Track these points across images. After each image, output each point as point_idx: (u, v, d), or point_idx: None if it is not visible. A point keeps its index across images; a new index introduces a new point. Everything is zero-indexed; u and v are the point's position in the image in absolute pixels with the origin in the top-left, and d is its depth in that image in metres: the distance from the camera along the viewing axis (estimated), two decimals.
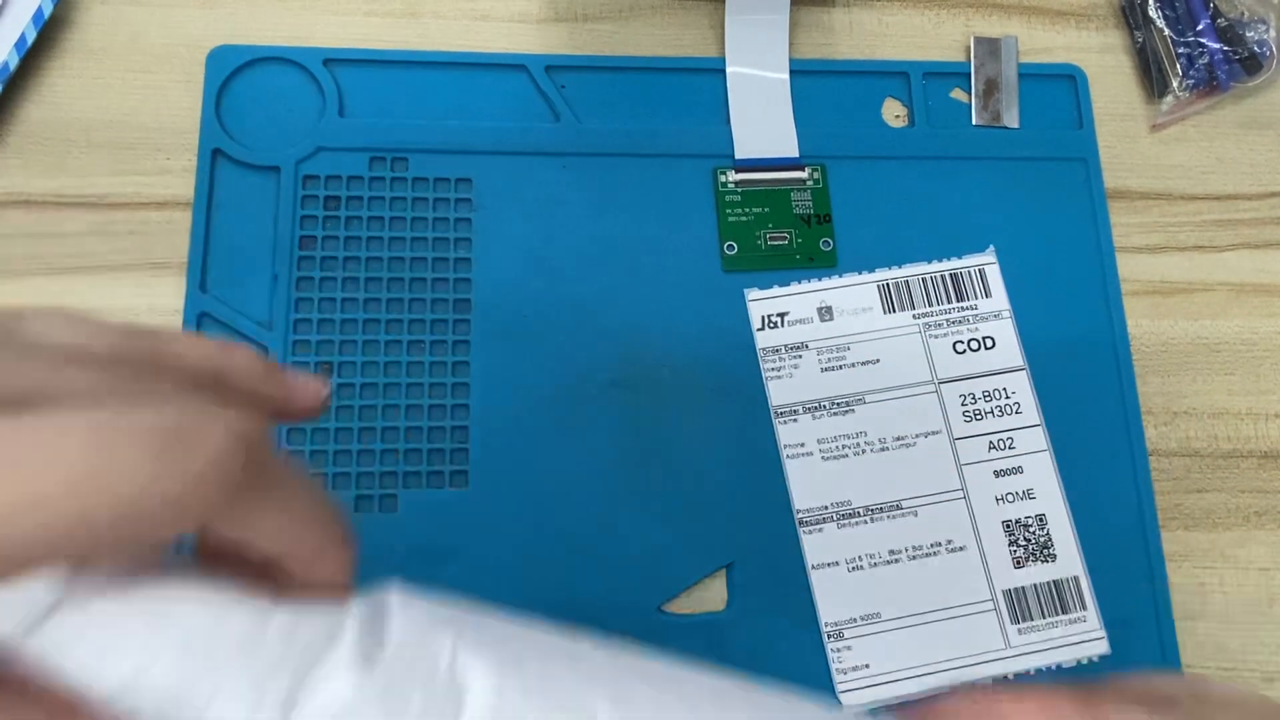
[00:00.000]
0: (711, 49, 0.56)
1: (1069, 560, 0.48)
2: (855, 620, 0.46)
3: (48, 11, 0.51)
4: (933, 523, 0.48)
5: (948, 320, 0.51)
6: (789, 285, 0.51)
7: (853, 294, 0.51)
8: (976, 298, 0.51)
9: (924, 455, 0.49)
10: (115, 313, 0.48)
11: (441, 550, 0.46)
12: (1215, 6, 0.57)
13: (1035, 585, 0.48)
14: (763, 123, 0.53)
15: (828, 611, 0.46)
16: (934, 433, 0.49)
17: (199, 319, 0.48)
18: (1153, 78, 0.57)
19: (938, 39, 0.57)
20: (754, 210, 0.52)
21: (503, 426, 0.48)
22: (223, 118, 0.51)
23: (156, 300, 0.49)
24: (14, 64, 0.50)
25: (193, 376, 0.21)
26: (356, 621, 0.23)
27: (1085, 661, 0.47)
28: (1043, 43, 0.58)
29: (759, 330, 0.50)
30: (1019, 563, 0.48)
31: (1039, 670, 0.47)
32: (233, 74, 0.52)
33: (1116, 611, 0.48)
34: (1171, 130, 0.57)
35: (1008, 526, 0.48)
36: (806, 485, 0.48)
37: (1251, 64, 0.57)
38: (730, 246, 0.51)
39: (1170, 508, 0.50)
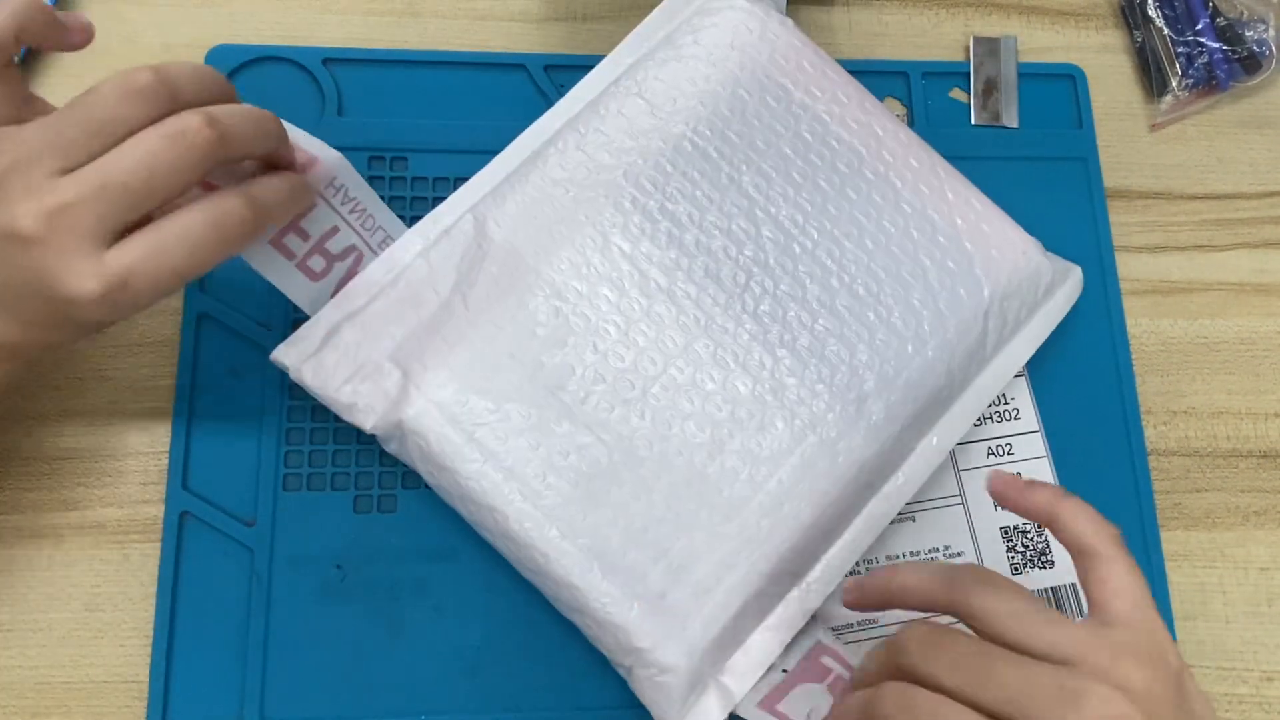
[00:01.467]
0: None
1: (1066, 567, 0.48)
2: (853, 625, 0.46)
3: None
4: (931, 528, 0.48)
5: None
6: None
7: None
8: None
9: None
10: None
11: (441, 550, 0.46)
12: (1214, 6, 0.57)
13: (1032, 592, 0.48)
14: None
15: (827, 615, 0.46)
16: None
17: (199, 319, 0.48)
18: (1152, 77, 0.57)
19: (937, 39, 0.57)
20: None
21: None
22: None
23: None
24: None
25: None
26: None
27: None
28: (1042, 42, 0.58)
29: None
30: (1016, 569, 0.48)
31: None
32: (232, 73, 0.52)
33: None
34: (1171, 130, 0.57)
35: (1005, 533, 0.48)
36: None
37: (1251, 63, 0.57)
38: None
39: (1170, 508, 0.50)
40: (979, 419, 0.49)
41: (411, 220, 0.50)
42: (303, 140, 0.42)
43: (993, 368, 0.47)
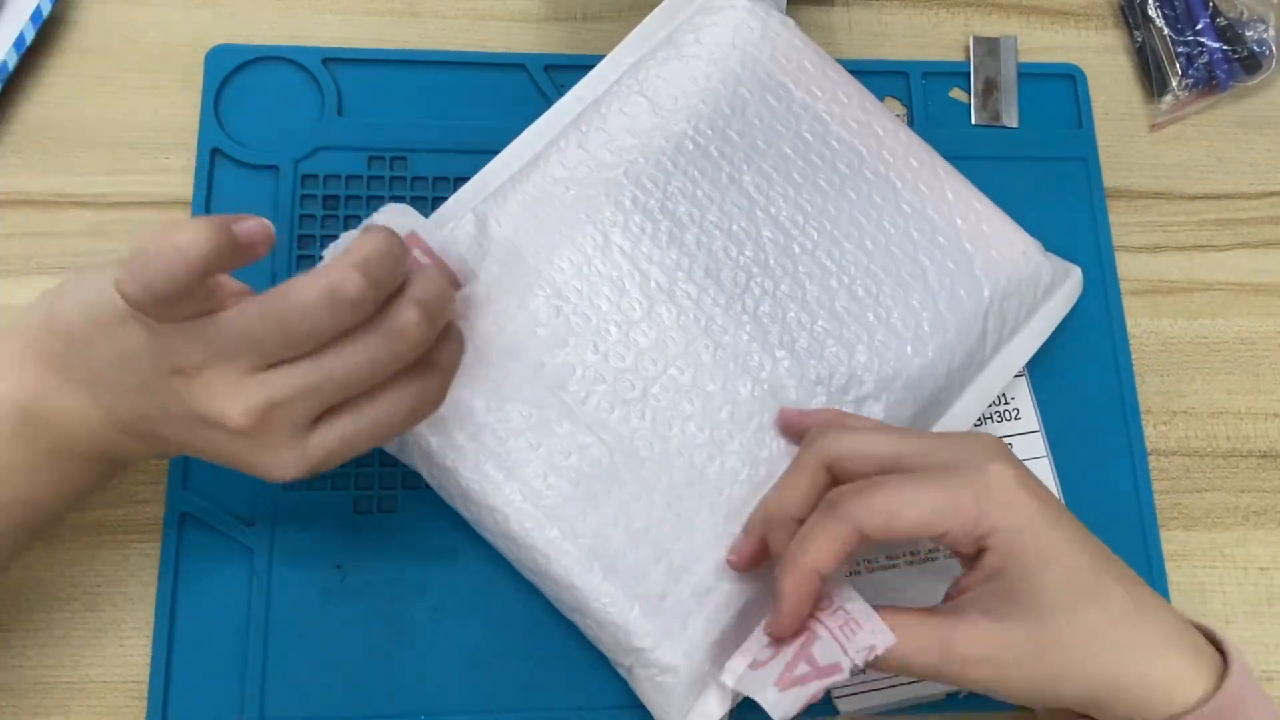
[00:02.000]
0: None
1: None
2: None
3: (46, 11, 0.51)
4: None
5: None
6: None
7: None
8: None
9: None
10: None
11: (441, 550, 0.46)
12: (1215, 6, 0.57)
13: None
14: None
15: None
16: None
17: None
18: (1152, 77, 0.57)
19: (937, 38, 0.57)
20: None
21: None
22: (222, 117, 0.51)
23: None
24: (13, 63, 0.50)
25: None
26: None
27: None
28: (1042, 42, 0.58)
29: None
30: None
31: None
32: (232, 73, 0.52)
33: None
34: (1171, 130, 0.57)
35: None
36: None
37: (1251, 63, 0.57)
38: None
39: (1170, 507, 0.50)
40: (979, 419, 0.49)
41: None
42: (453, 260, 0.39)
43: (992, 368, 0.47)
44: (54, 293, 0.36)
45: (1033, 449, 0.49)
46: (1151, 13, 0.57)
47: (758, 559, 0.41)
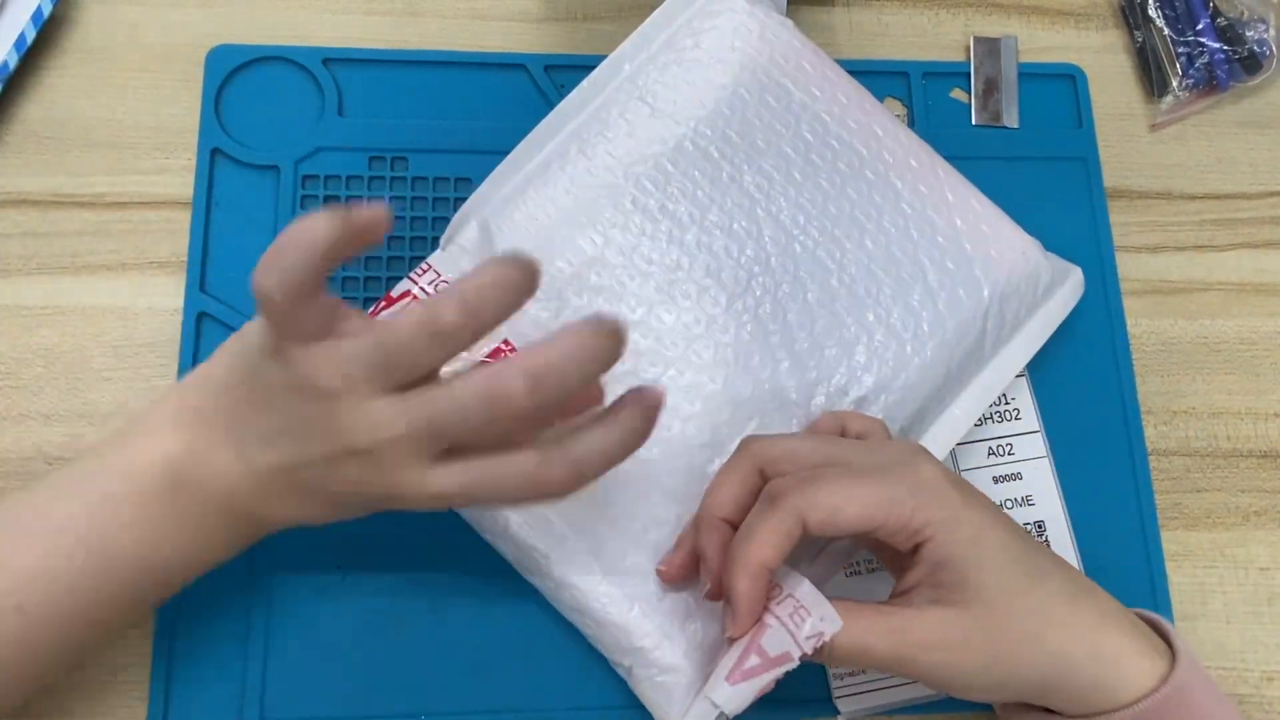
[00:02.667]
0: None
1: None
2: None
3: (47, 11, 0.51)
4: None
5: None
6: None
7: None
8: None
9: None
10: (114, 312, 0.48)
11: (441, 550, 0.46)
12: (1215, 6, 0.57)
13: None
14: None
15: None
16: None
17: (198, 319, 0.48)
18: (1152, 77, 0.57)
19: (937, 39, 0.57)
20: None
21: None
22: (222, 117, 0.51)
23: (156, 300, 0.49)
24: (13, 63, 0.50)
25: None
26: None
27: None
28: (1042, 42, 0.58)
29: None
30: None
31: None
32: (232, 73, 0.52)
33: None
34: (1171, 130, 0.57)
35: None
36: None
37: (1251, 63, 0.57)
38: None
39: (1170, 507, 0.50)
40: (979, 419, 0.49)
41: (412, 220, 0.50)
42: None
43: (992, 368, 0.47)
44: (209, 358, 0.39)
45: (1033, 449, 0.49)
46: (1151, 13, 0.57)
47: (688, 569, 0.42)
